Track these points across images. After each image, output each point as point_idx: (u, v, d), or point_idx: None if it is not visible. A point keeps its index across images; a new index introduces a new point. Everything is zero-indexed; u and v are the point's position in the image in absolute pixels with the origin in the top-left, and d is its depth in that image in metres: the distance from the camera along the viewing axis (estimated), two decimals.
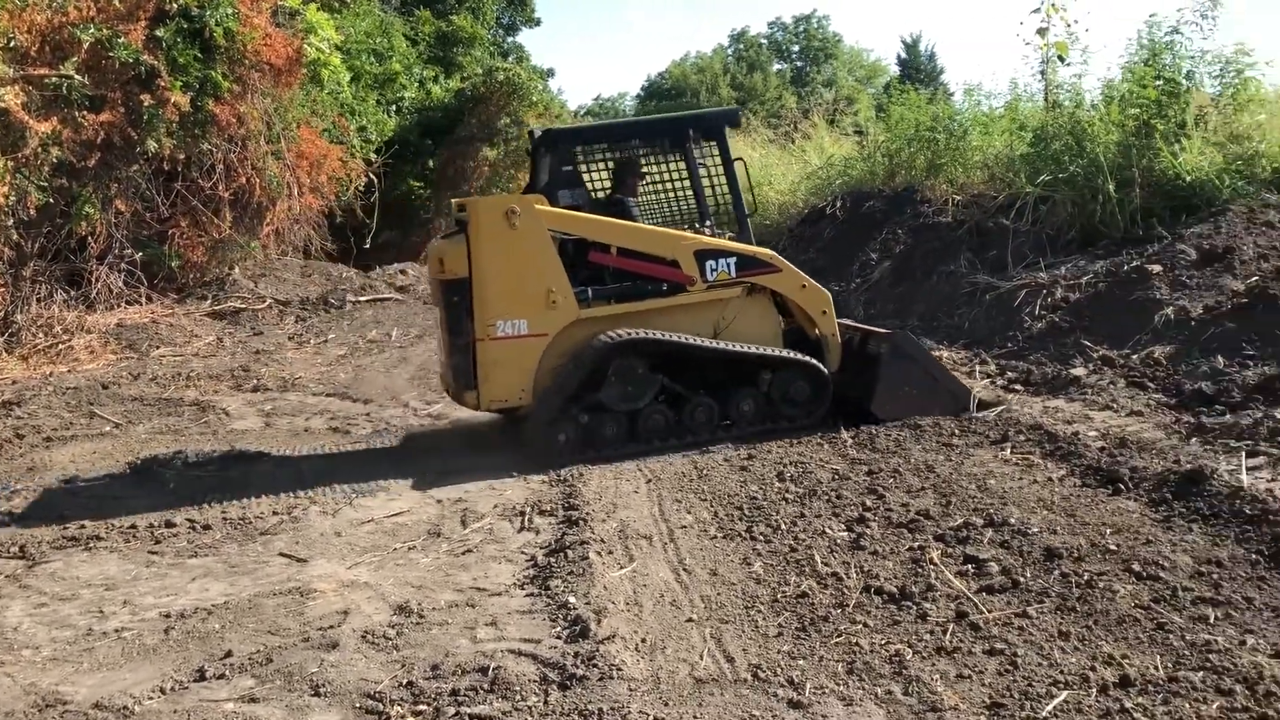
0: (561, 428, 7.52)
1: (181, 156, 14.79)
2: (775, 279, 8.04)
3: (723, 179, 8.24)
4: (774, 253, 8.19)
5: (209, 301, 15.76)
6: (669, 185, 8.82)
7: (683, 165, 8.40)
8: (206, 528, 6.34)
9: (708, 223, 8.10)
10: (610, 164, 8.77)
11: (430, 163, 24.00)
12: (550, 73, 50.95)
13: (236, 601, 5.15)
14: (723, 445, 7.57)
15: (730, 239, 8.12)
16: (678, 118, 9.81)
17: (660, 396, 7.71)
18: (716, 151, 8.27)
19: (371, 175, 19.83)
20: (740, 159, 8.39)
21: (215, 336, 14.00)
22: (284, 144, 16.63)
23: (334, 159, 17.98)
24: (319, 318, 15.33)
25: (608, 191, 8.55)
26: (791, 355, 7.93)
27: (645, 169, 8.67)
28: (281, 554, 5.85)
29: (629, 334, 7.50)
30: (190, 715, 3.98)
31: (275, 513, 6.58)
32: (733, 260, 7.86)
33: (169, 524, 6.41)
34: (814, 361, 7.95)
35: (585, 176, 8.63)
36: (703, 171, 8.23)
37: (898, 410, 7.81)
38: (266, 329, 14.61)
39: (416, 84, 25.39)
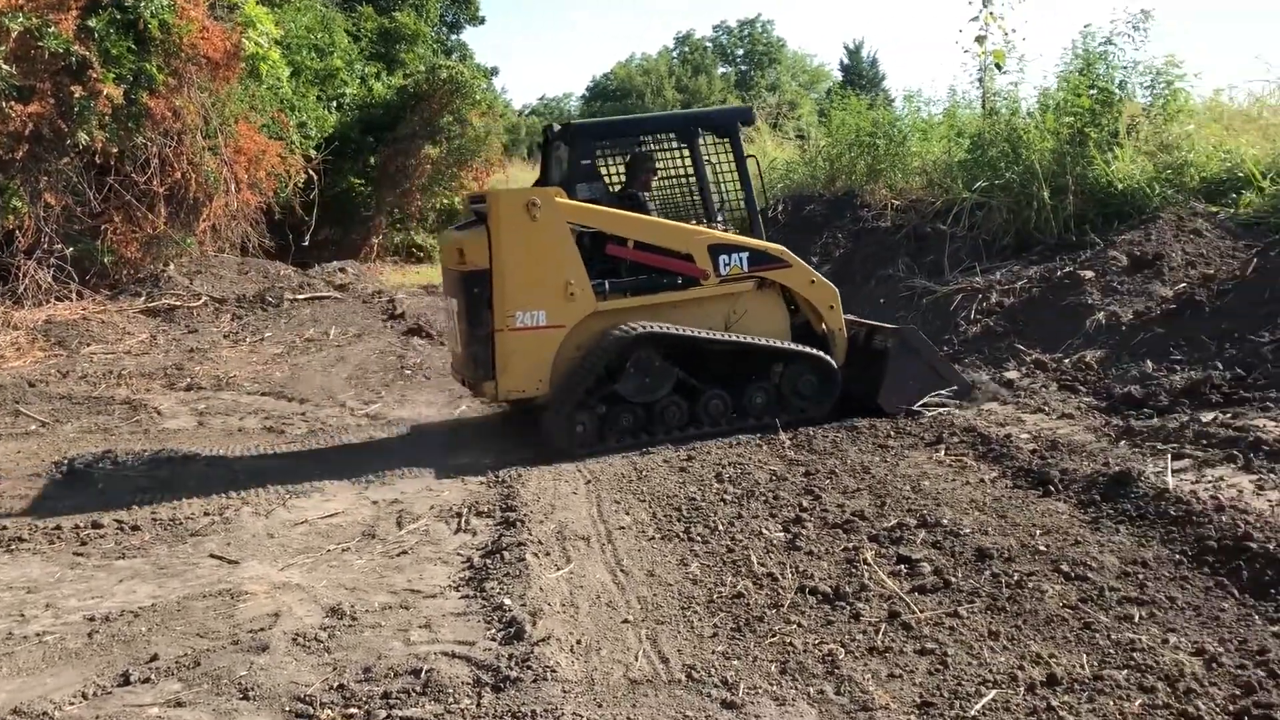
0: (580, 418, 7.60)
1: (114, 150, 14.47)
2: (785, 274, 8.19)
3: (735, 175, 8.42)
4: (784, 248, 8.33)
5: (143, 298, 15.43)
6: (684, 180, 8.88)
7: (714, 160, 8.60)
8: (135, 529, 6.22)
9: (719, 218, 8.28)
10: (624, 159, 8.83)
11: (371, 160, 23.70)
12: (494, 71, 50.77)
13: (164, 604, 5.05)
14: (662, 446, 7.59)
15: (734, 232, 8.27)
16: (694, 114, 10.06)
17: (675, 389, 7.81)
18: (730, 148, 8.45)
19: (311, 172, 19.55)
20: (752, 156, 8.59)
21: (148, 334, 13.72)
22: (221, 139, 16.35)
23: (273, 155, 17.71)
24: (255, 316, 15.08)
25: (621, 186, 8.61)
26: (803, 349, 8.07)
27: (659, 165, 8.76)
28: (212, 555, 5.75)
29: (650, 327, 7.62)
30: None
31: (206, 513, 6.47)
32: (745, 255, 8.02)
33: (96, 525, 6.27)
34: (823, 355, 8.11)
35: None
36: (721, 167, 8.47)
37: (902, 402, 7.99)
38: (201, 327, 14.34)
39: (358, 80, 25.09)
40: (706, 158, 8.42)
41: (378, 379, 10.93)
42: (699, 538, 5.63)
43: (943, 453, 6.95)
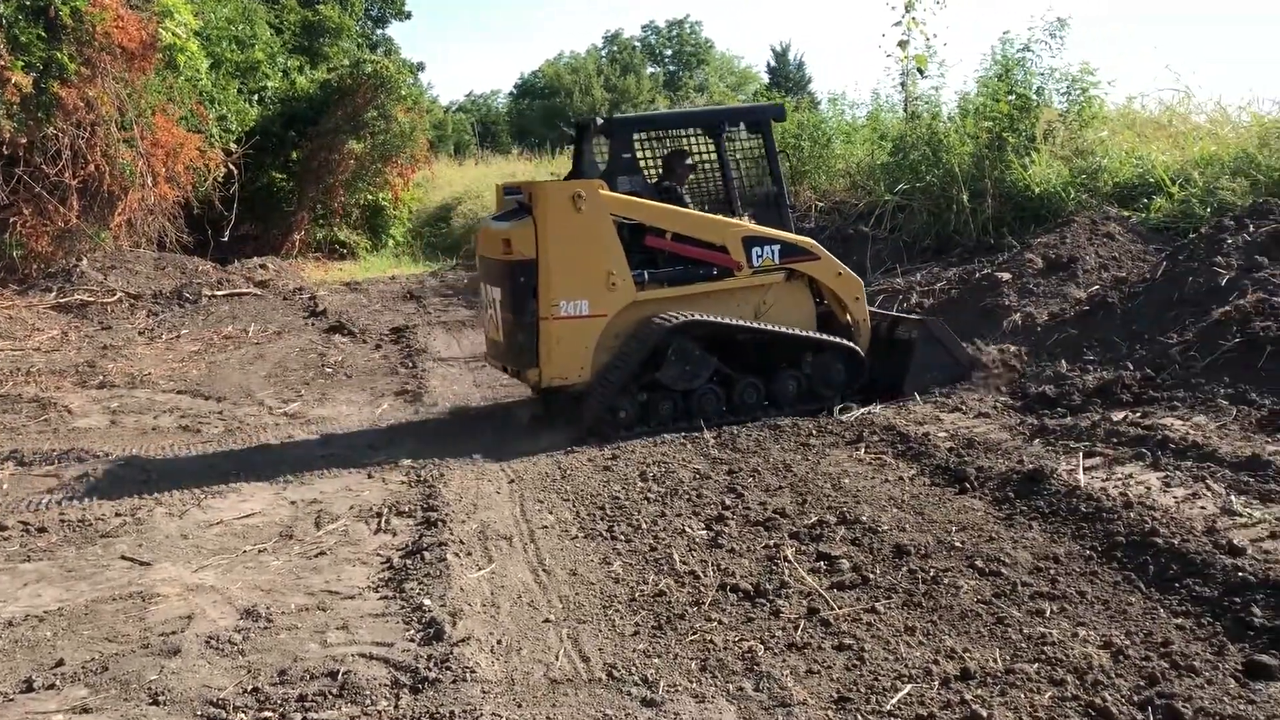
0: (622, 405, 7.78)
1: (23, 140, 14.07)
2: (814, 266, 8.44)
3: (757, 168, 8.74)
4: (814, 241, 8.61)
5: (54, 294, 15.00)
6: (709, 172, 8.99)
7: (741, 153, 8.92)
8: (42, 530, 6.04)
9: (750, 211, 8.52)
10: (659, 152, 8.95)
11: (294, 155, 23.30)
12: (420, 67, 50.18)
13: (72, 607, 4.91)
14: (587, 445, 7.58)
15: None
16: (731, 109, 10.37)
17: (713, 377, 8.00)
18: (762, 143, 8.72)
19: (231, 166, 19.21)
20: (783, 152, 8.69)
21: (59, 330, 13.35)
22: (138, 131, 16.00)
23: (191, 148, 17.37)
24: (172, 312, 14.75)
25: (657, 179, 8.68)
26: (834, 339, 8.34)
27: (694, 159, 8.89)
28: (123, 557, 5.61)
29: (693, 316, 7.83)
30: None
31: (118, 514, 6.31)
32: (776, 247, 8.27)
33: (0, 527, 6.07)
34: (853, 345, 8.37)
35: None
36: (744, 161, 8.83)
37: (922, 388, 8.34)
38: (115, 323, 13.98)
39: (280, 73, 24.66)
40: (731, 151, 8.71)
41: (298, 377, 10.76)
42: (622, 536, 5.63)
43: (863, 451, 7.04)
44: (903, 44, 14.73)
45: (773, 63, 61.40)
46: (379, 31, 37.11)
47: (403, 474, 7.07)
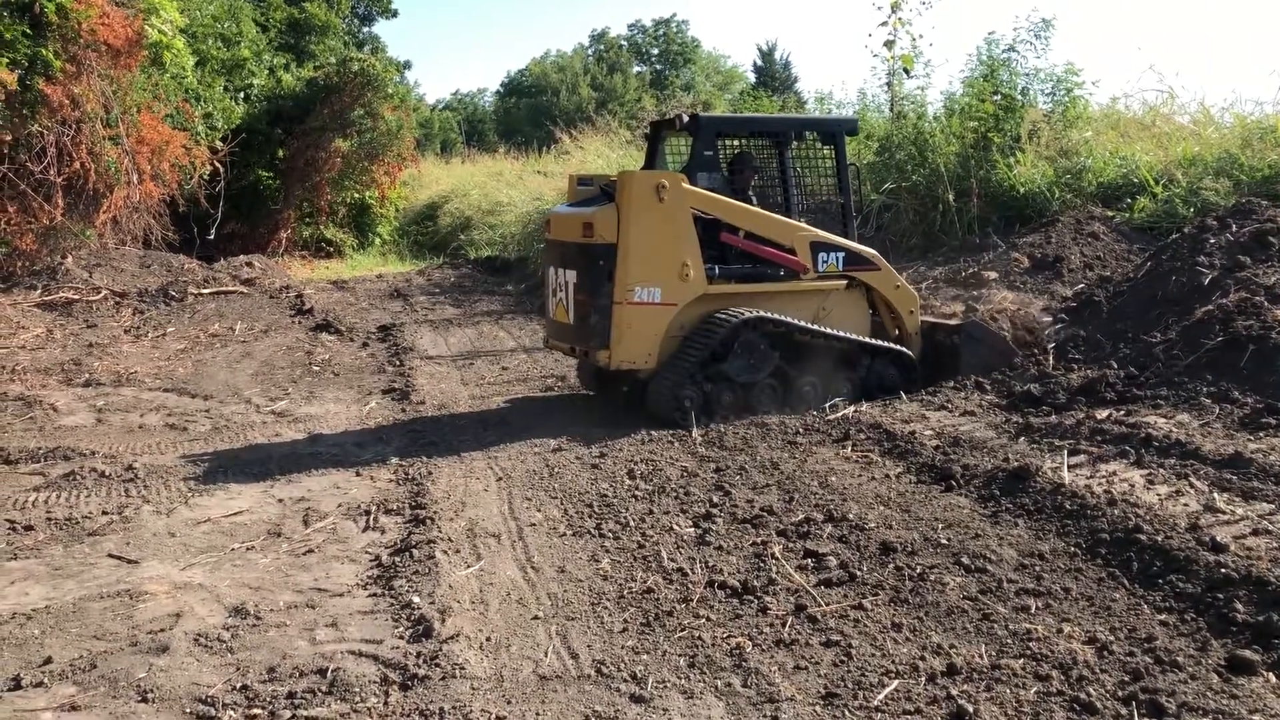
0: (688, 393, 7.95)
1: (8, 137, 14.01)
2: (875, 276, 8.77)
3: (832, 180, 8.97)
4: (876, 253, 8.86)
5: (39, 291, 14.94)
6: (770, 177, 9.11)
7: (805, 162, 9.21)
8: (29, 528, 6.01)
9: (807, 219, 8.73)
10: (730, 155, 9.07)
11: (280, 153, 23.24)
12: (407, 65, 50.21)
13: (59, 605, 4.90)
14: (575, 443, 7.60)
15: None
16: (807, 119, 10.98)
17: (773, 373, 8.25)
18: (833, 154, 8.99)
19: (217, 164, 19.16)
20: (853, 164, 9.18)
21: (45, 328, 13.28)
22: (123, 129, 15.92)
23: (177, 146, 17.31)
24: (158, 310, 14.70)
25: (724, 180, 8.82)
26: (892, 345, 8.70)
27: (759, 165, 9.03)
28: (110, 555, 5.59)
29: (762, 313, 8.08)
30: None
31: (105, 513, 6.28)
32: (841, 254, 8.59)
33: None
34: (908, 352, 8.72)
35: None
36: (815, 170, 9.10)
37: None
38: (101, 321, 13.93)
39: (266, 71, 24.60)
40: (795, 159, 8.97)
41: (285, 375, 10.74)
42: (610, 534, 5.65)
43: (849, 449, 7.08)
44: (889, 44, 14.77)
45: (759, 62, 61.46)
46: (365, 29, 37.09)
47: (391, 472, 7.07)
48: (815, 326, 8.37)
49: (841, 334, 8.48)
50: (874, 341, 8.66)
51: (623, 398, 8.69)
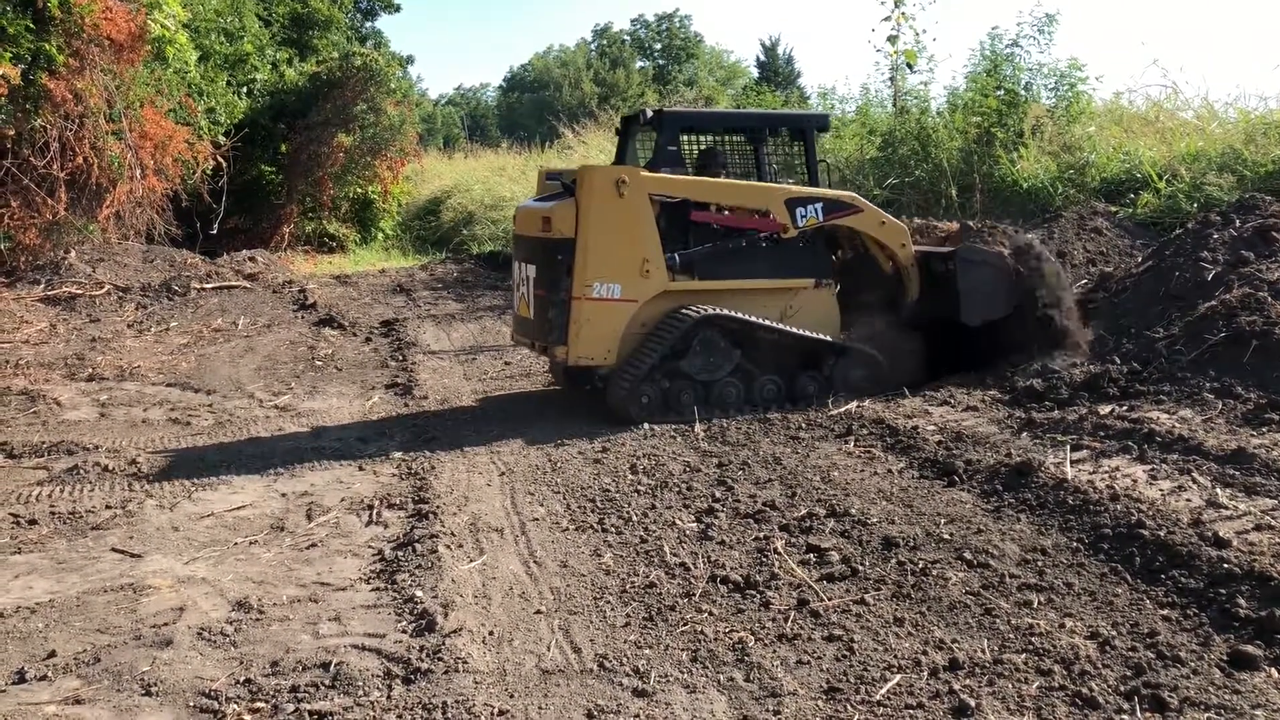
0: (645, 390, 7.95)
1: (11, 132, 14.01)
2: (858, 219, 8.64)
3: (803, 176, 8.92)
4: (855, 194, 8.78)
5: (42, 286, 14.96)
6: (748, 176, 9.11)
7: (776, 158, 9.14)
8: (33, 523, 6.03)
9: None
10: (696, 151, 9.07)
11: (283, 148, 23.22)
12: (410, 60, 50.17)
13: (63, 599, 4.91)
14: (577, 438, 7.60)
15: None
16: (776, 114, 10.95)
17: (734, 371, 8.20)
18: (803, 150, 8.94)
19: (220, 159, 19.14)
20: (824, 160, 9.15)
21: (48, 323, 13.30)
22: (126, 123, 15.91)
23: (180, 141, 17.28)
24: (161, 305, 14.71)
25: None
26: (856, 345, 8.53)
27: (726, 161, 9.01)
28: (114, 549, 5.61)
29: (719, 310, 8.02)
30: (8, 719, 3.78)
31: (108, 507, 6.30)
32: (820, 205, 8.47)
33: None
34: (873, 351, 8.51)
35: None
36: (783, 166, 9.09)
37: (985, 313, 8.56)
38: (104, 316, 13.94)
39: (269, 66, 24.56)
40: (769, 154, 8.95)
41: (288, 370, 10.75)
42: (613, 529, 5.66)
43: (852, 444, 7.08)
44: (892, 39, 14.76)
45: (762, 57, 61.42)
46: (368, 24, 36.94)
47: (393, 466, 7.08)
48: (776, 324, 8.26)
49: (804, 332, 8.35)
50: (839, 340, 8.53)
51: (585, 395, 8.60)
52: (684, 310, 8.04)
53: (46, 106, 14.31)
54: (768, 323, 8.23)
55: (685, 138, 8.86)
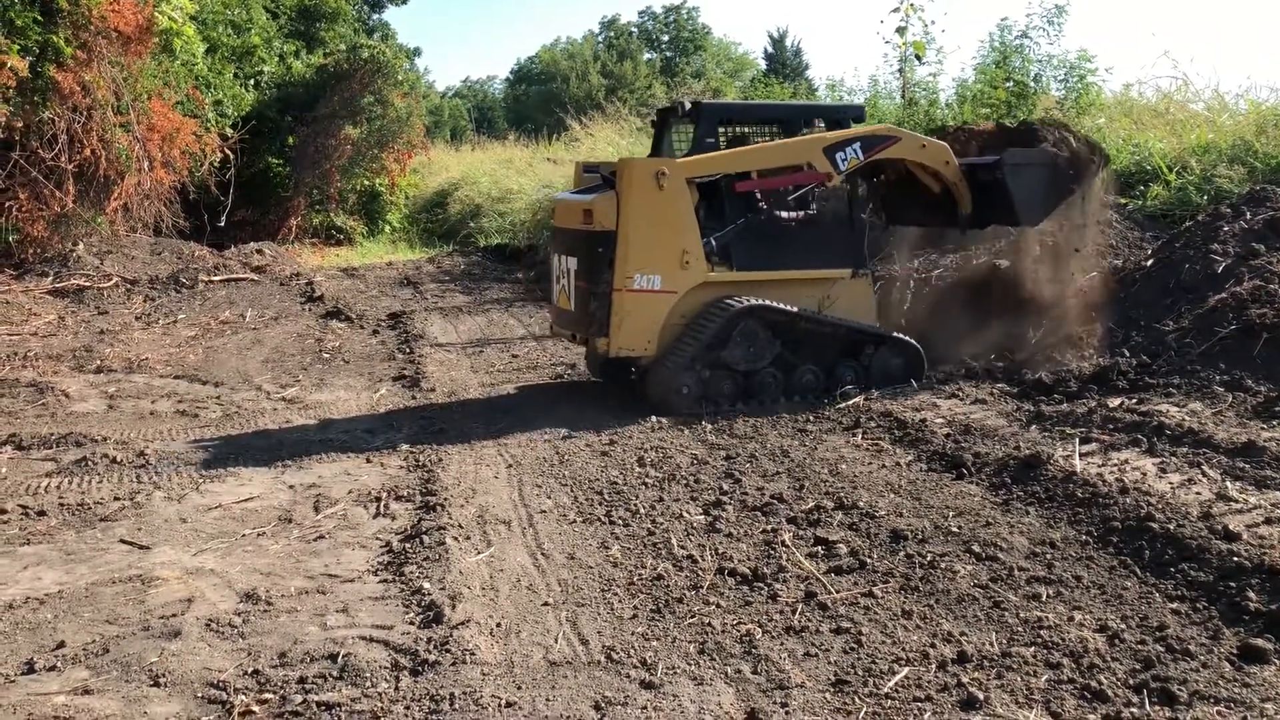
0: (685, 381, 7.98)
1: (19, 125, 14.02)
2: (898, 148, 8.65)
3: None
4: (890, 125, 8.87)
5: (50, 278, 15.00)
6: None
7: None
8: (41, 514, 6.04)
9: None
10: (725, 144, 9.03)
11: (290, 140, 23.24)
12: (417, 52, 50.09)
13: (72, 590, 4.92)
14: (585, 430, 7.60)
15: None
16: (812, 106, 10.89)
17: (774, 362, 8.23)
18: None
19: (227, 151, 19.16)
20: None
21: (56, 315, 13.33)
22: (134, 115, 15.93)
23: (187, 133, 17.32)
24: (169, 297, 14.74)
25: None
26: (894, 334, 8.62)
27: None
28: (122, 541, 5.62)
29: (763, 302, 8.06)
30: (17, 709, 3.79)
31: (116, 498, 6.31)
32: (858, 144, 8.45)
33: (0, 511, 6.08)
34: (912, 341, 8.59)
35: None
36: None
37: (1044, 211, 8.70)
38: (112, 308, 13.98)
39: (276, 58, 24.59)
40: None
41: (295, 362, 10.76)
42: (620, 521, 5.65)
43: (860, 437, 7.06)
44: (901, 30, 14.70)
45: (770, 49, 61.25)
46: (375, 16, 36.98)
47: (401, 458, 7.08)
48: (817, 313, 8.34)
49: (845, 321, 8.43)
50: (879, 329, 8.62)
51: (627, 386, 8.67)
52: (726, 300, 8.09)
53: (54, 99, 14.33)
54: (811, 313, 8.30)
55: (721, 130, 8.85)
